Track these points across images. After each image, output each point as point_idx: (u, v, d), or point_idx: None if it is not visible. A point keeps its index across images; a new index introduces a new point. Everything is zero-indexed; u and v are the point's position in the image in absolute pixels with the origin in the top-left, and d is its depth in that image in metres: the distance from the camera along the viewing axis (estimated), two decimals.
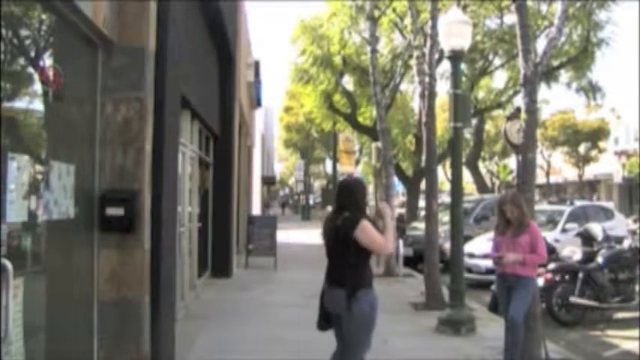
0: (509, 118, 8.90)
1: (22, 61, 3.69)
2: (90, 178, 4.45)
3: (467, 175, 24.42)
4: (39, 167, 3.61)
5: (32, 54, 3.77)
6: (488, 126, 32.17)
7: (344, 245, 4.33)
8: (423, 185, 15.21)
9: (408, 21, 13.72)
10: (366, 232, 4.29)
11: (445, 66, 16.31)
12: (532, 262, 5.73)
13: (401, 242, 12.85)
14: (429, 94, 9.68)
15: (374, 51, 13.46)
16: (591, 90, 18.22)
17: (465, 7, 14.24)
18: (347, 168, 27.62)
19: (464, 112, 8.09)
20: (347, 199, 4.47)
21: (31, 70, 3.72)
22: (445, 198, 17.85)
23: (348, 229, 4.30)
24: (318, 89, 19.48)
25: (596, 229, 9.83)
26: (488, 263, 10.12)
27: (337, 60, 18.53)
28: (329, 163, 40.64)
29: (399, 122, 21.79)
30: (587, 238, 9.71)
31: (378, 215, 4.58)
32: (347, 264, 4.35)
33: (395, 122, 20.89)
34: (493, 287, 8.39)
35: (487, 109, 21.77)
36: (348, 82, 20.44)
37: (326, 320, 4.51)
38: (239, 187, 14.88)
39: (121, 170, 4.54)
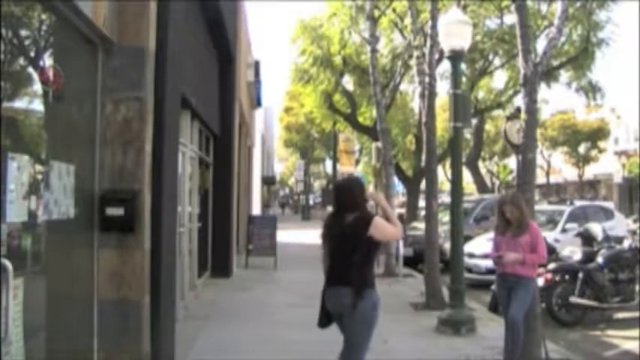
0: (509, 118, 8.90)
1: (22, 61, 3.69)
2: (90, 178, 4.45)
3: (467, 175, 24.41)
4: (39, 167, 3.61)
5: (32, 54, 3.77)
6: (489, 126, 32.18)
7: (354, 245, 4.37)
8: (423, 185, 15.21)
9: (408, 21, 13.71)
10: (379, 227, 4.40)
11: (445, 66, 16.32)
12: (532, 261, 5.73)
13: (401, 242, 12.84)
14: (429, 94, 9.68)
15: (374, 51, 13.45)
16: (591, 90, 18.21)
17: (465, 7, 14.22)
18: (347, 168, 27.58)
19: (464, 112, 8.08)
20: (348, 199, 4.50)
21: (31, 70, 3.72)
22: (445, 198, 17.84)
23: (361, 228, 4.36)
24: (318, 89, 19.48)
25: (596, 229, 9.82)
26: (488, 263, 10.11)
27: (337, 60, 18.53)
28: (329, 163, 40.64)
29: (399, 122, 21.79)
30: (587, 238, 9.70)
31: (375, 203, 4.76)
32: (354, 263, 4.36)
33: (395, 122, 20.88)
34: (493, 287, 8.38)
35: (487, 109, 21.78)
36: (348, 82, 20.42)
37: (327, 318, 4.54)
38: (239, 187, 14.87)
39: (121, 170, 4.55)
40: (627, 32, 37.80)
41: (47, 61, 3.86)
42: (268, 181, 43.52)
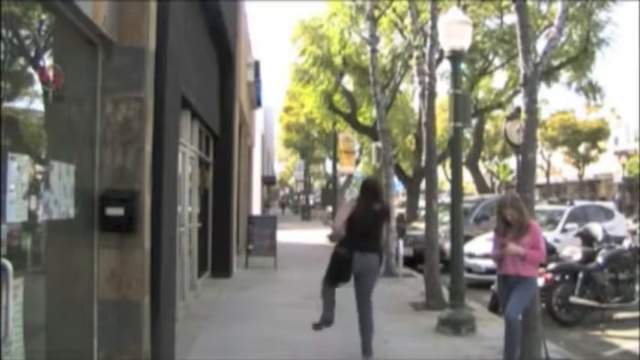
0: (509, 118, 8.93)
1: (22, 61, 3.69)
2: (90, 178, 4.45)
3: (467, 175, 24.40)
4: (39, 167, 3.61)
5: (32, 54, 3.77)
6: (488, 126, 32.17)
7: (382, 223, 6.51)
8: (423, 185, 15.20)
9: (408, 21, 13.70)
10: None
11: (445, 66, 16.32)
12: (533, 258, 5.71)
13: (401, 242, 12.85)
14: (429, 94, 9.68)
15: (374, 51, 13.45)
16: (591, 90, 18.17)
17: (465, 7, 14.22)
18: (347, 168, 27.58)
19: (464, 112, 8.08)
20: (381, 193, 6.61)
21: (31, 70, 3.72)
22: (445, 198, 17.84)
23: (386, 214, 6.58)
24: (318, 89, 19.46)
25: (596, 229, 9.82)
26: (488, 263, 10.11)
27: (337, 60, 18.50)
28: (329, 163, 40.60)
29: (399, 122, 21.78)
30: (587, 238, 9.69)
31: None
32: (380, 237, 6.49)
33: (395, 122, 20.87)
34: (493, 287, 8.39)
35: (487, 109, 21.73)
36: (348, 82, 20.41)
37: (341, 277, 6.24)
38: (239, 187, 14.87)
39: (121, 170, 4.54)
40: (627, 32, 37.82)
41: (47, 61, 3.86)
42: (268, 181, 43.51)
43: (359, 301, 6.27)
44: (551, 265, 8.65)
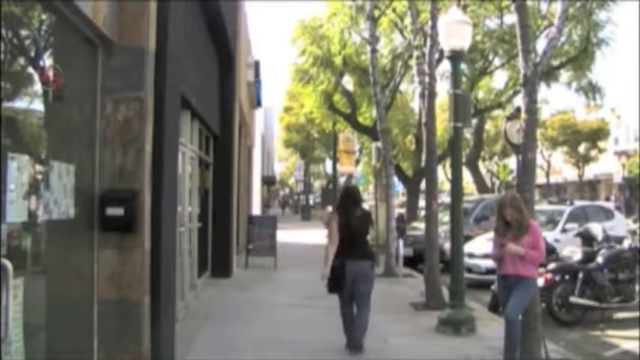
0: (509, 118, 8.92)
1: (22, 61, 3.69)
2: (90, 178, 4.45)
3: (467, 175, 24.39)
4: (39, 167, 3.61)
5: (32, 54, 3.78)
6: (488, 126, 32.17)
7: (366, 230, 6.54)
8: (423, 185, 15.20)
9: (408, 21, 13.72)
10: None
11: (445, 66, 16.31)
12: (532, 258, 5.71)
13: (401, 242, 12.84)
14: (429, 94, 9.68)
15: (374, 51, 13.45)
16: (591, 90, 18.17)
17: (465, 7, 14.20)
18: (347, 168, 27.56)
19: (464, 112, 8.08)
20: (360, 199, 6.78)
21: (31, 70, 3.72)
22: (445, 198, 17.83)
23: (369, 219, 6.66)
24: (318, 89, 19.45)
25: (596, 229, 9.82)
26: (488, 263, 10.12)
27: (337, 60, 18.50)
28: (329, 163, 40.63)
29: (399, 122, 21.78)
30: (587, 238, 9.70)
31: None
32: (367, 243, 6.61)
33: (395, 122, 20.87)
34: (493, 287, 8.39)
35: (487, 109, 21.73)
36: (348, 82, 20.41)
37: (339, 284, 6.30)
38: (239, 187, 14.87)
39: (121, 170, 4.55)
40: (627, 32, 37.79)
41: (47, 61, 3.86)
42: (268, 181, 43.50)
43: (358, 302, 6.39)
44: (551, 265, 8.65)
